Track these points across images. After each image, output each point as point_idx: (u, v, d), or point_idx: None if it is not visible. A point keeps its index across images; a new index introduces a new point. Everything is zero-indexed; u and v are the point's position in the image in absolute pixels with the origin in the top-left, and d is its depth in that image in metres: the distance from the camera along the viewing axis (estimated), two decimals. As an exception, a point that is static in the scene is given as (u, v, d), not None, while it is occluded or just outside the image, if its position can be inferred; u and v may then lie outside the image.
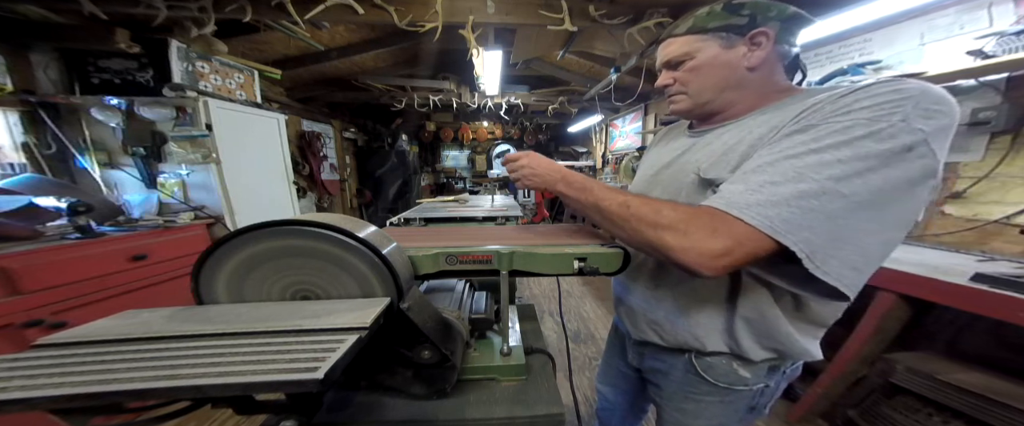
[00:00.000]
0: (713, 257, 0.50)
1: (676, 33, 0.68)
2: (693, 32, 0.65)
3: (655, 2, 2.00)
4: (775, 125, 0.56)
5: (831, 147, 0.47)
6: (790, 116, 0.55)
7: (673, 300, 0.73)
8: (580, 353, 2.37)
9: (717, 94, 0.66)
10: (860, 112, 0.47)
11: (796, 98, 0.60)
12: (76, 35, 1.87)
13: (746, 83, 0.64)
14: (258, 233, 0.54)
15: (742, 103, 0.66)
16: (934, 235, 1.71)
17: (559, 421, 0.63)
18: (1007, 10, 1.47)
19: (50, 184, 1.87)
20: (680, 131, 0.83)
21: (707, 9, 0.64)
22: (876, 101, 0.47)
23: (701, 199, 0.58)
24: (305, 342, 0.42)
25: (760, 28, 0.60)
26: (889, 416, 1.40)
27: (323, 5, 1.80)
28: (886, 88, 0.48)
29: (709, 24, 0.63)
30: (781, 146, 0.52)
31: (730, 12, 0.62)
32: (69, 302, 1.47)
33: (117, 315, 0.52)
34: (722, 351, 0.70)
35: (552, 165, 0.77)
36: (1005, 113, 1.46)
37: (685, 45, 0.66)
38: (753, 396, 0.74)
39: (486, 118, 6.42)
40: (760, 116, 0.62)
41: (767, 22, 0.60)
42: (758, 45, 0.61)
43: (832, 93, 0.53)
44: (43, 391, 0.34)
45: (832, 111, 0.50)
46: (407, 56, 3.74)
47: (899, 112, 0.45)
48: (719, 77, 0.65)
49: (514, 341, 0.79)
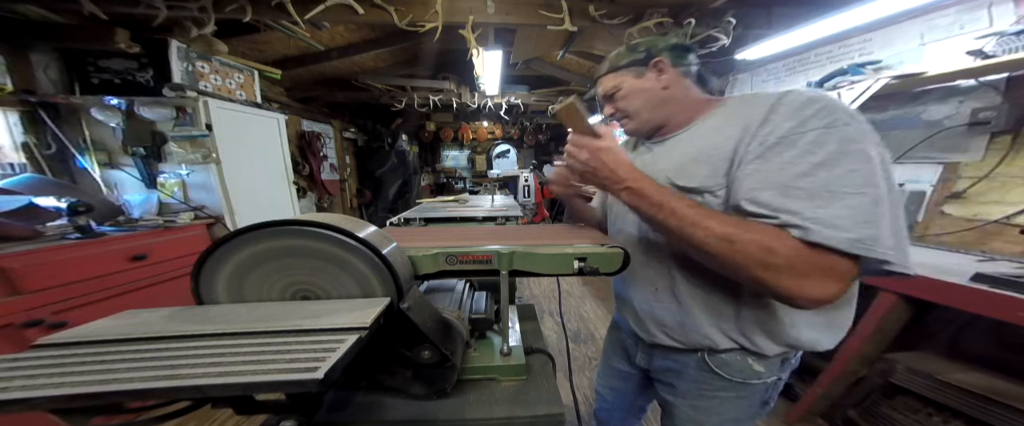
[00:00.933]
0: (832, 297, 0.53)
1: (601, 74, 0.84)
2: (612, 71, 0.81)
3: (655, 2, 2.00)
4: (731, 134, 0.64)
5: (835, 158, 0.52)
6: (738, 126, 0.63)
7: (680, 303, 0.75)
8: (580, 353, 2.37)
9: (651, 112, 0.80)
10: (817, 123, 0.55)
11: (723, 106, 0.73)
12: (76, 35, 1.87)
13: (669, 99, 0.78)
14: (258, 233, 0.54)
15: (678, 115, 0.79)
16: (934, 235, 1.71)
17: (559, 421, 0.63)
18: (1007, 10, 1.47)
19: (50, 184, 1.87)
20: (630, 145, 0.96)
21: (616, 52, 0.82)
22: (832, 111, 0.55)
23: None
24: (305, 342, 0.42)
25: (655, 58, 0.76)
26: (889, 416, 1.40)
27: (323, 5, 1.80)
28: (816, 98, 0.57)
29: (620, 63, 0.80)
30: (794, 168, 0.55)
31: (631, 51, 0.79)
32: (69, 302, 1.47)
33: (117, 315, 0.52)
34: (735, 347, 0.73)
35: (620, 163, 0.65)
36: (1005, 113, 1.46)
37: (611, 81, 0.81)
38: (767, 389, 0.77)
39: (486, 118, 6.42)
40: (702, 126, 0.73)
41: (659, 53, 0.77)
42: (661, 71, 0.77)
43: (759, 102, 0.62)
44: (44, 391, 0.34)
45: (793, 129, 0.56)
46: (407, 56, 3.74)
47: (841, 116, 0.54)
48: (644, 99, 0.79)
49: (514, 341, 0.79)
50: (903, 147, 1.78)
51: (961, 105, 1.62)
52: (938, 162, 1.71)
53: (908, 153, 1.77)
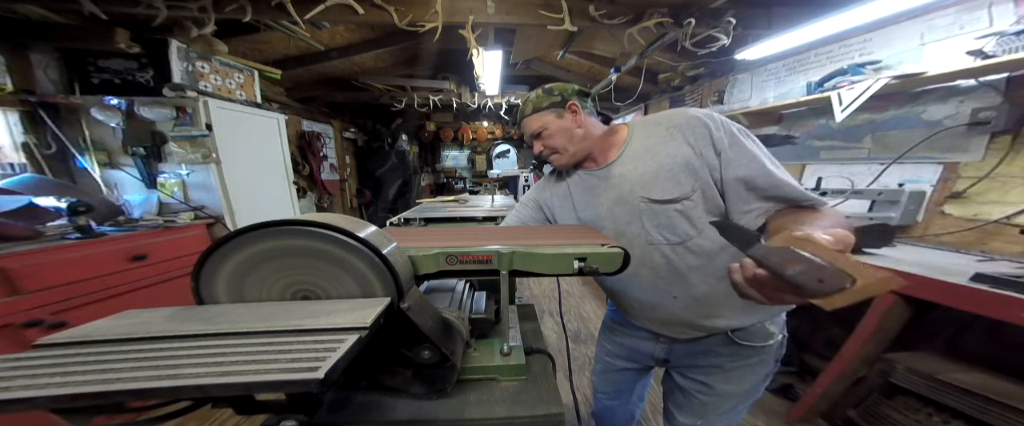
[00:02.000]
0: None
1: (526, 114, 0.93)
2: (536, 112, 0.91)
3: (655, 2, 2.00)
4: (676, 151, 0.80)
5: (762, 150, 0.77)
6: (676, 142, 0.81)
7: (702, 303, 0.84)
8: (580, 353, 2.37)
9: (575, 146, 0.91)
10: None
11: (633, 132, 0.89)
12: (76, 35, 1.87)
13: (587, 134, 0.91)
14: (258, 233, 0.54)
15: (600, 145, 0.92)
16: (934, 235, 1.71)
17: (559, 421, 0.63)
18: (1007, 10, 1.47)
19: (50, 184, 1.87)
20: (560, 180, 1.02)
21: (534, 94, 0.92)
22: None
23: (662, 217, 0.81)
24: (305, 342, 0.42)
25: (569, 101, 0.90)
26: (889, 416, 1.40)
27: (323, 5, 1.80)
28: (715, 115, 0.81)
29: (541, 104, 0.90)
30: (758, 160, 0.75)
31: (548, 94, 0.91)
32: (69, 302, 1.47)
33: (117, 315, 0.52)
34: (754, 322, 0.84)
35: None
36: (1005, 113, 1.46)
37: (537, 121, 0.91)
38: (779, 347, 0.89)
39: (486, 118, 6.41)
40: (635, 149, 0.87)
41: (571, 97, 0.90)
42: (575, 111, 0.90)
43: (662, 122, 0.85)
44: (46, 391, 0.34)
45: (729, 133, 0.78)
46: (407, 56, 3.74)
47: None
48: (568, 136, 0.90)
49: (514, 341, 0.79)
50: (903, 147, 1.78)
51: (961, 105, 1.62)
52: (938, 162, 1.71)
53: (908, 153, 1.76)
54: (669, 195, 0.79)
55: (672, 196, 0.79)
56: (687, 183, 0.78)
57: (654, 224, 0.83)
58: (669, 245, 0.83)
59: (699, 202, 0.79)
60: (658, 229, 0.83)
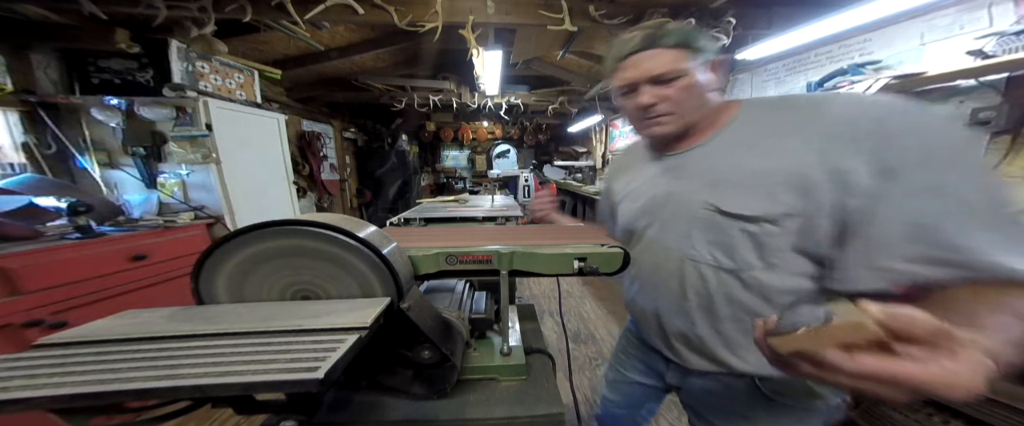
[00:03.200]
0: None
1: (665, 44, 0.61)
2: (682, 47, 0.61)
3: (655, 2, 2.00)
4: (792, 154, 0.54)
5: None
6: (797, 140, 0.54)
7: (722, 334, 0.66)
8: (580, 353, 2.37)
9: (694, 116, 0.65)
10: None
11: (742, 114, 0.65)
12: (76, 35, 1.87)
13: (708, 104, 0.66)
14: (258, 233, 0.54)
15: (702, 123, 0.67)
16: (934, 235, 1.71)
17: (559, 421, 0.63)
18: (1007, 10, 1.47)
19: (50, 184, 1.87)
20: (639, 154, 0.81)
21: (687, 28, 0.61)
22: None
23: (721, 233, 0.59)
24: (305, 342, 0.42)
25: (720, 57, 0.64)
26: (889, 416, 1.40)
27: (323, 5, 1.80)
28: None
29: (696, 43, 0.61)
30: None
31: (698, 34, 0.62)
32: (69, 302, 1.47)
33: (117, 315, 0.52)
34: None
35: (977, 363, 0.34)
36: (1005, 113, 1.46)
37: (678, 61, 0.61)
38: (829, 412, 0.66)
39: (486, 118, 6.41)
40: (727, 138, 0.64)
41: (715, 54, 0.64)
42: (716, 71, 0.65)
43: (802, 106, 0.57)
44: (44, 391, 0.34)
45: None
46: (407, 56, 3.74)
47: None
48: (699, 98, 0.64)
49: (514, 341, 0.79)
50: (903, 147, 1.78)
51: (961, 105, 1.62)
52: (938, 162, 1.71)
53: (908, 153, 1.76)
54: (749, 210, 0.56)
55: (753, 213, 0.56)
56: (787, 202, 0.54)
57: (706, 238, 0.62)
58: (713, 268, 0.62)
59: (789, 233, 0.55)
60: (709, 246, 0.62)
